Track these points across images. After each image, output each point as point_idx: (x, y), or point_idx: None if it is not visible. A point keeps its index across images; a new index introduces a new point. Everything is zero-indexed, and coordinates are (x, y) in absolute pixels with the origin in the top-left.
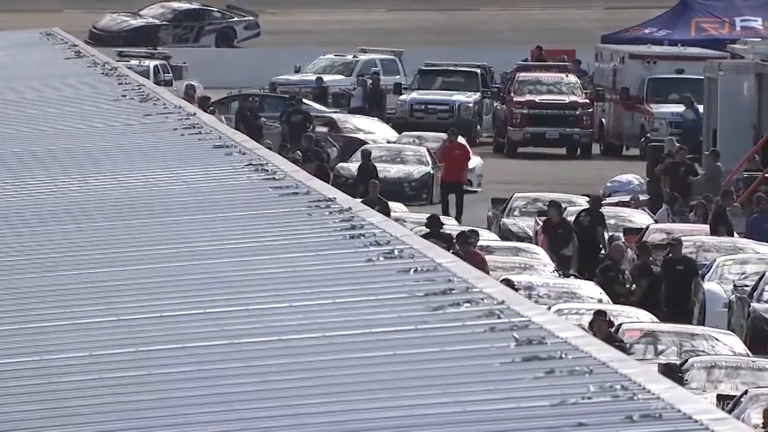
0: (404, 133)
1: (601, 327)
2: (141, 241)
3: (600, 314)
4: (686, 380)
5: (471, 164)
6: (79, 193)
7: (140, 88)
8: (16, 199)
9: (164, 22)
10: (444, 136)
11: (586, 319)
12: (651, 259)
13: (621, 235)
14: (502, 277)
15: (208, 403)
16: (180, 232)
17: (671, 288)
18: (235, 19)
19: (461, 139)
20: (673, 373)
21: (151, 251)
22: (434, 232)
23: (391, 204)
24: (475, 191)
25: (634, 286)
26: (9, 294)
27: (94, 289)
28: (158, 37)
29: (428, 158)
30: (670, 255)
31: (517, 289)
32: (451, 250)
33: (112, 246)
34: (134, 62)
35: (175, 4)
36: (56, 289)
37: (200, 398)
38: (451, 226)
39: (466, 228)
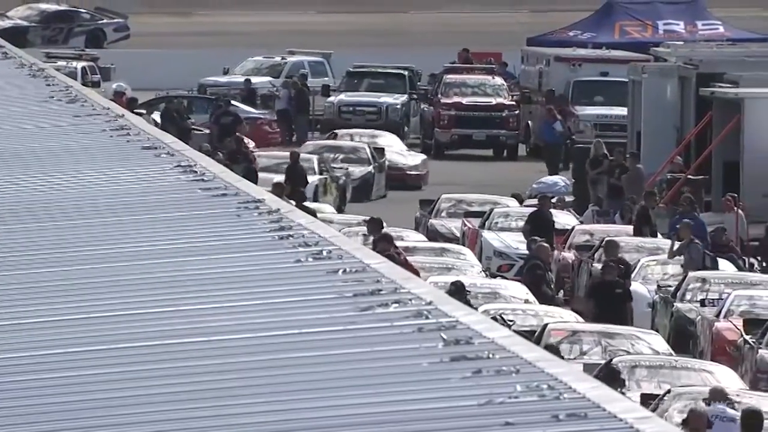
0: (341, 132)
1: None
2: (70, 242)
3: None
4: (624, 381)
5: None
6: (8, 195)
7: (68, 90)
8: None
9: (32, 24)
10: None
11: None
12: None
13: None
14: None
15: (139, 404)
16: (109, 233)
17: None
18: (105, 20)
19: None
20: (615, 375)
21: (80, 252)
22: (376, 235)
23: (319, 206)
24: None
25: (559, 293)
26: None
27: (22, 290)
28: (27, 39)
29: (370, 156)
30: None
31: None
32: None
33: (41, 247)
34: (62, 63)
35: (43, 6)
36: None
37: (130, 399)
38: None
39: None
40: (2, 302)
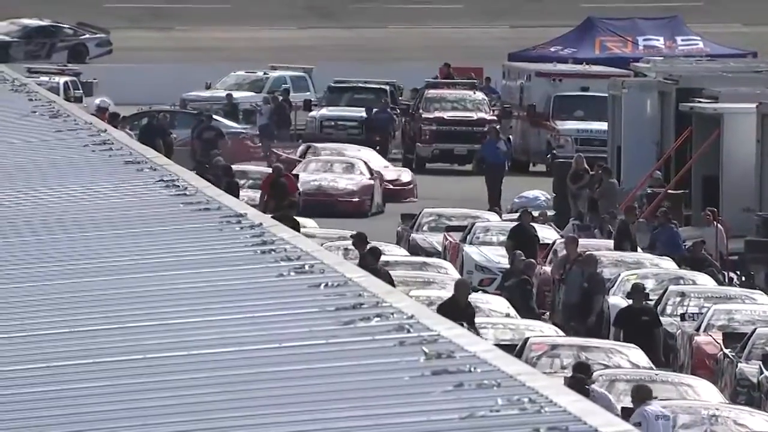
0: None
1: None
2: (53, 256)
3: None
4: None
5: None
6: None
7: (50, 105)
8: None
9: (15, 39)
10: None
11: (491, 333)
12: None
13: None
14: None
15: (122, 417)
16: (92, 247)
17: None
18: (87, 36)
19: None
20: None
21: (63, 267)
22: (362, 250)
23: (303, 220)
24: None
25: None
26: None
27: (5, 304)
28: (9, 54)
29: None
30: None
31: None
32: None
33: (24, 262)
34: (44, 78)
35: (26, 21)
36: None
37: (114, 413)
38: None
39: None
40: None
